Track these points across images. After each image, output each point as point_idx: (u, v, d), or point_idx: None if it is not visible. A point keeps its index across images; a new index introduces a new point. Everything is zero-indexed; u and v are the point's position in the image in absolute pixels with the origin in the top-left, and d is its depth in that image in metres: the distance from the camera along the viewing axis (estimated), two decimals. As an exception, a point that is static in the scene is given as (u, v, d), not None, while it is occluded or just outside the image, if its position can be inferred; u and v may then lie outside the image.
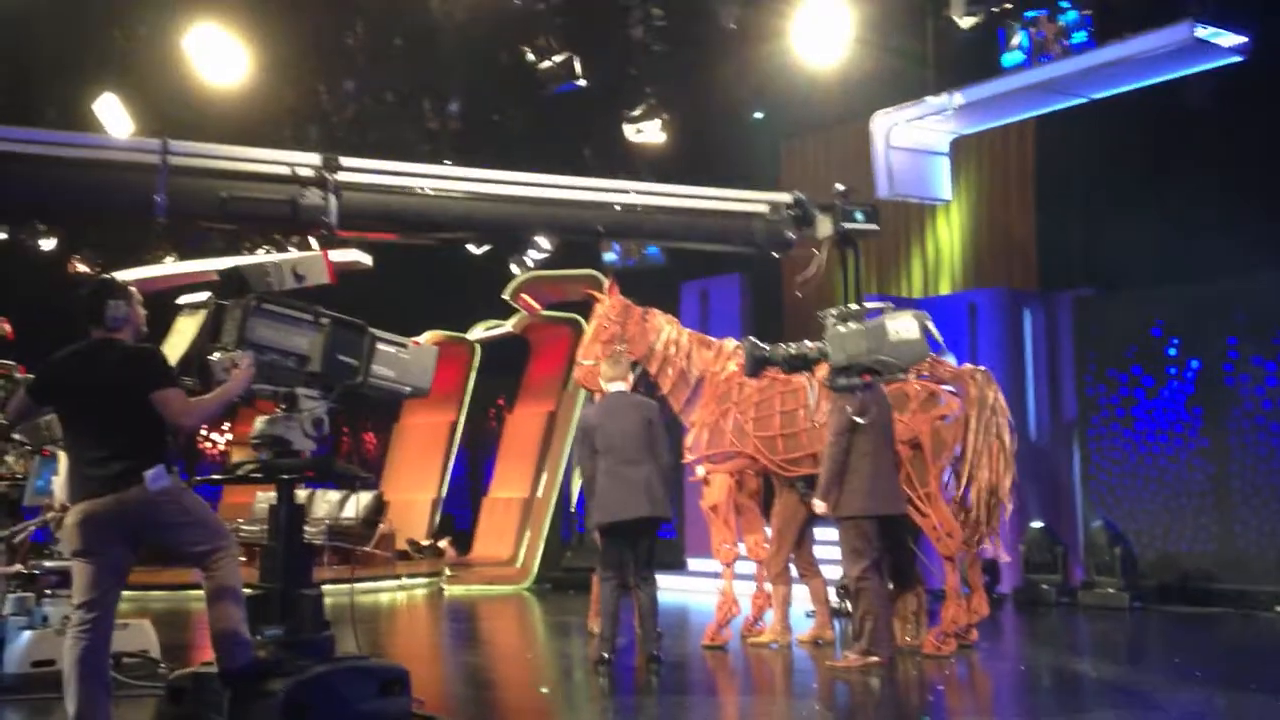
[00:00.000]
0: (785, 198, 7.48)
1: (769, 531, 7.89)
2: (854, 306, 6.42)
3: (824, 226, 7.38)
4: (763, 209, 7.48)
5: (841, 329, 6.30)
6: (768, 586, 7.86)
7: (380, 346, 5.47)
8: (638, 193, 7.72)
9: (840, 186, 7.32)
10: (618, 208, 7.62)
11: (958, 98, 7.95)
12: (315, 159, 7.19)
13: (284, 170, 7.18)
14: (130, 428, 4.49)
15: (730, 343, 7.96)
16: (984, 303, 11.38)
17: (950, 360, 7.71)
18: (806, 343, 6.55)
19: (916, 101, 8.08)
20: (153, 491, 4.42)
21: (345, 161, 7.22)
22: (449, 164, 7.72)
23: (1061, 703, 5.91)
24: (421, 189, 7.47)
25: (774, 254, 8.19)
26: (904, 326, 6.16)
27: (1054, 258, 11.62)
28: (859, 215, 7.26)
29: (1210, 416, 10.18)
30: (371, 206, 7.41)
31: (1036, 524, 10.59)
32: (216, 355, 4.88)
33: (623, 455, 6.66)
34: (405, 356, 5.58)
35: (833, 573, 8.05)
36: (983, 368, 7.78)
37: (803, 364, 6.51)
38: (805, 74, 8.02)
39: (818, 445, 7.10)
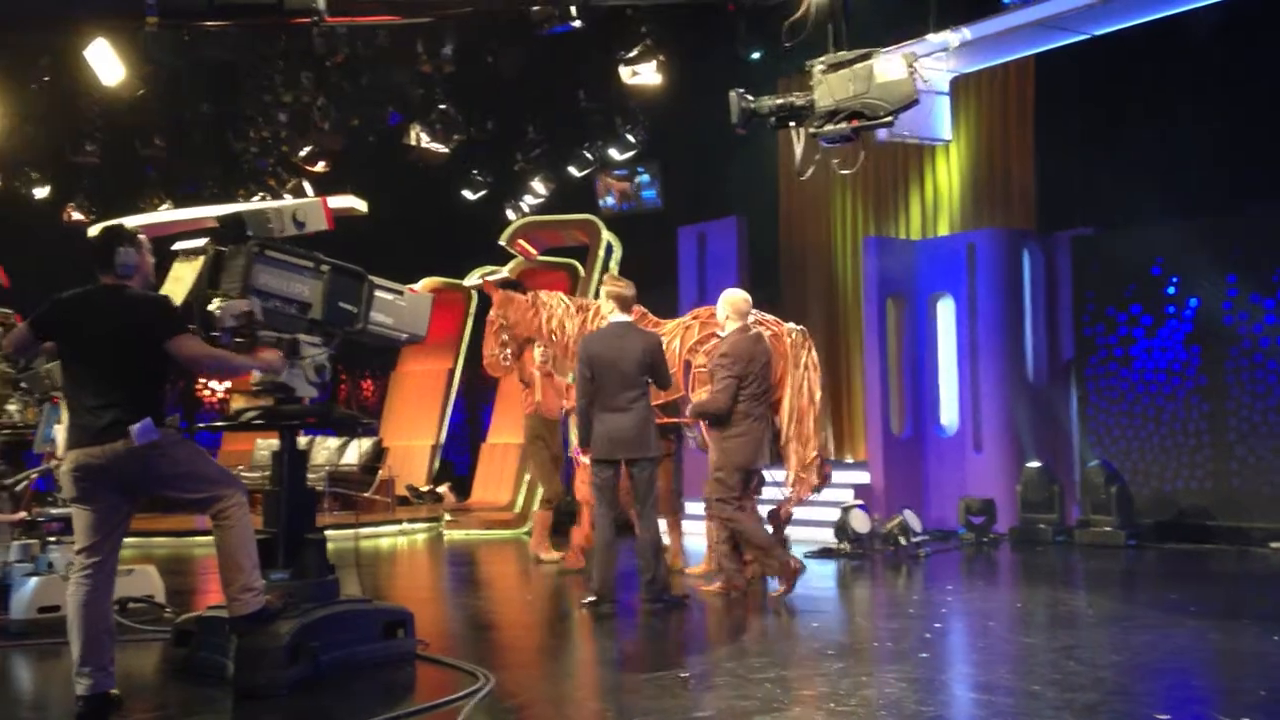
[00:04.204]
0: None
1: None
2: (842, 54, 6.26)
3: None
4: None
5: (831, 76, 6.15)
6: None
7: (378, 293, 5.50)
8: None
9: None
10: None
11: (964, 32, 7.84)
12: None
13: None
14: (127, 378, 4.45)
15: (603, 301, 7.64)
16: (982, 243, 11.34)
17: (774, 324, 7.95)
18: (794, 93, 6.41)
19: (918, 39, 7.96)
20: (139, 445, 4.35)
21: None
22: None
23: (1056, 637, 5.97)
24: None
25: None
26: (892, 67, 6.02)
27: (1053, 197, 11.56)
28: None
29: (1208, 355, 10.20)
30: None
31: (1033, 463, 10.64)
32: (216, 302, 4.86)
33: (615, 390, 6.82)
34: (402, 304, 5.62)
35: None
36: (801, 327, 7.96)
37: (790, 114, 6.33)
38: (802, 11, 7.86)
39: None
